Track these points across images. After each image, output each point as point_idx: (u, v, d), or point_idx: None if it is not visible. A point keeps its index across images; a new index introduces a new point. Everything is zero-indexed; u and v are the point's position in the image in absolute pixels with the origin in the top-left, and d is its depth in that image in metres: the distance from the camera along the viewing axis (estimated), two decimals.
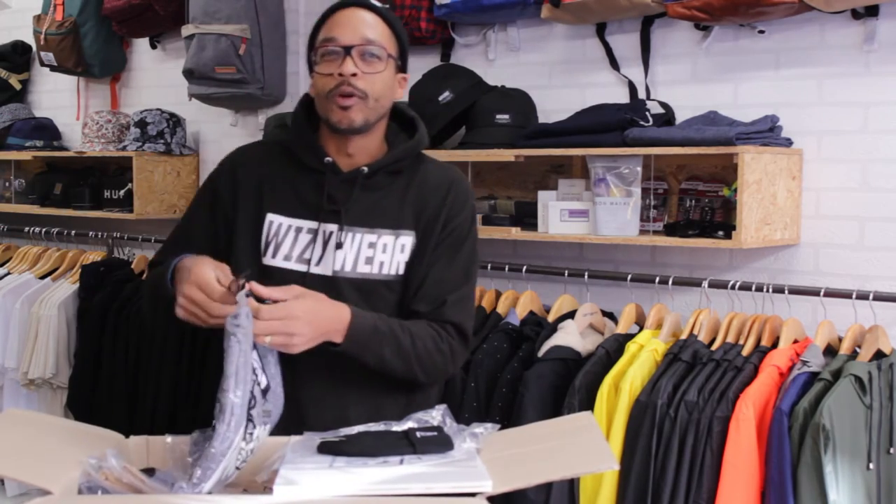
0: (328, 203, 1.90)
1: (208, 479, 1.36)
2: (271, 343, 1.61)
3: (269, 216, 1.92)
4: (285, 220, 1.92)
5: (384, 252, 1.91)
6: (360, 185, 1.91)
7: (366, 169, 1.92)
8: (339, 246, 1.88)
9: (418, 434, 1.46)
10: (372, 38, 1.87)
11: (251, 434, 1.44)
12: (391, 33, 1.92)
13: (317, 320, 1.71)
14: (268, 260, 1.91)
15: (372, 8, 1.90)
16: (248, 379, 1.46)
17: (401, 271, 1.92)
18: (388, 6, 2.01)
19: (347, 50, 1.84)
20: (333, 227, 1.90)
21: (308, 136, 1.96)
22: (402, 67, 1.97)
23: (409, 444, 1.43)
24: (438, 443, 1.43)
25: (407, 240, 1.93)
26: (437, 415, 1.56)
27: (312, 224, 1.90)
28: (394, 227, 1.92)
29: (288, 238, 1.91)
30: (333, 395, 1.87)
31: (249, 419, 1.44)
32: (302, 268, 1.89)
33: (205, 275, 1.66)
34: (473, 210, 2.02)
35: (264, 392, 1.53)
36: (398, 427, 1.53)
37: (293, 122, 2.00)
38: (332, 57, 1.86)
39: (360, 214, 1.90)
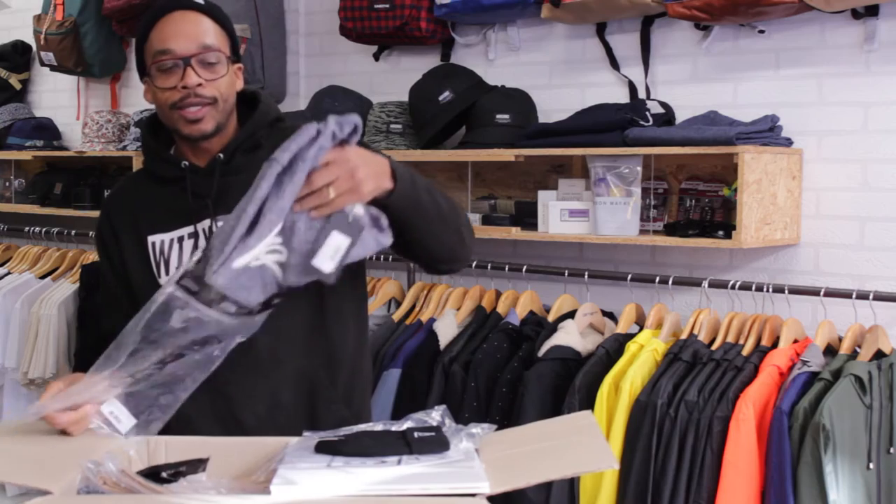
0: (195, 202, 1.84)
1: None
2: (336, 194, 1.50)
3: (150, 238, 1.87)
4: (165, 236, 1.87)
5: None
6: (221, 172, 1.84)
7: (221, 155, 1.85)
8: None
9: (415, 434, 1.46)
10: (209, 43, 1.80)
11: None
12: (221, 30, 1.85)
13: (367, 157, 1.57)
14: (163, 280, 1.84)
15: (198, 8, 1.82)
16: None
17: None
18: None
19: (186, 61, 1.78)
20: (207, 222, 1.84)
21: (159, 150, 1.91)
22: (236, 57, 1.90)
23: (405, 445, 1.43)
24: (435, 443, 1.43)
25: None
26: (436, 415, 1.56)
27: (189, 228, 1.86)
28: None
29: (173, 251, 1.86)
30: (265, 388, 1.83)
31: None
32: None
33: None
34: None
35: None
36: (396, 427, 1.53)
37: (143, 144, 1.97)
38: (171, 69, 1.79)
39: (231, 200, 1.72)
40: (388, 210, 1.61)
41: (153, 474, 1.37)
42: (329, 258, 1.50)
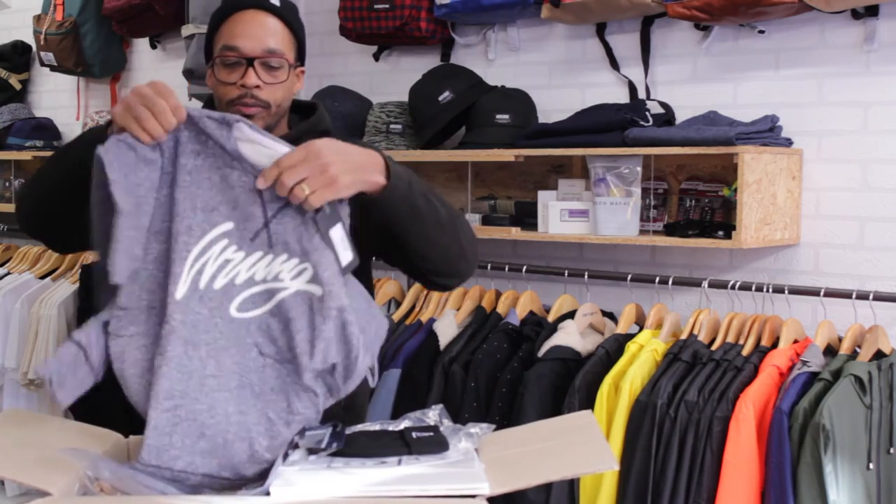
0: None
1: None
2: (310, 191, 1.47)
3: None
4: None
5: None
6: None
7: None
8: None
9: (414, 434, 1.46)
10: (274, 47, 1.82)
11: None
12: (291, 36, 1.87)
13: (344, 151, 1.54)
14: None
15: (271, 9, 1.85)
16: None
17: None
18: None
19: (250, 61, 1.80)
20: None
21: None
22: (300, 60, 1.92)
23: (404, 445, 1.43)
24: (434, 443, 1.43)
25: None
26: (433, 414, 1.56)
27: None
28: None
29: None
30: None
31: None
32: None
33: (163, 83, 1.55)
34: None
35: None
36: (393, 427, 1.53)
37: None
38: (234, 67, 1.82)
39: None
40: (381, 208, 1.60)
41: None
42: (345, 249, 1.51)
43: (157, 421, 1.44)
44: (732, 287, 2.68)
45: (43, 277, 3.96)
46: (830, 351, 2.52)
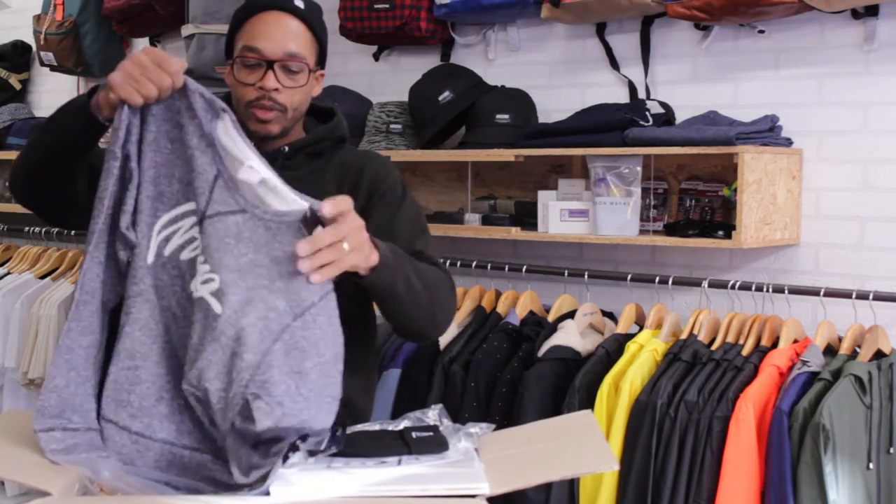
0: None
1: None
2: (350, 248, 1.46)
3: None
4: None
5: None
6: (280, 165, 1.84)
7: (286, 148, 1.88)
8: None
9: (413, 434, 1.46)
10: (295, 51, 1.82)
11: None
12: (313, 39, 1.87)
13: (361, 231, 1.53)
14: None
15: (294, 11, 1.84)
16: None
17: None
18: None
19: (270, 64, 1.80)
20: None
21: None
22: (321, 64, 1.92)
23: (404, 445, 1.43)
24: (434, 443, 1.43)
25: None
26: (432, 414, 1.56)
27: None
28: None
29: None
30: None
31: None
32: None
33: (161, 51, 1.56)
34: (399, 177, 1.96)
35: None
36: (393, 426, 1.53)
37: None
38: (253, 68, 1.82)
39: None
40: (364, 284, 1.61)
41: None
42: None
43: (116, 376, 1.47)
44: (732, 287, 2.68)
45: (43, 277, 3.96)
46: (830, 351, 2.52)
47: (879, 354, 2.43)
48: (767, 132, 2.66)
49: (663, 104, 2.91)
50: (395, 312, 1.73)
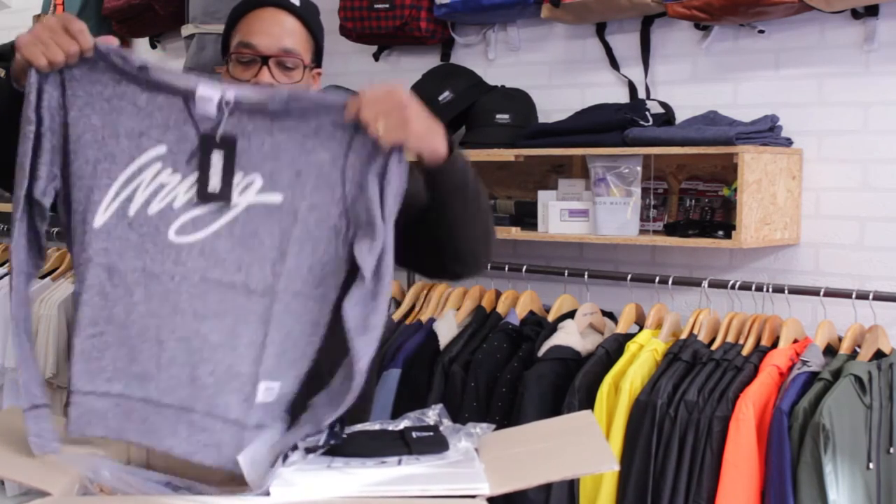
0: None
1: None
2: (385, 129, 1.43)
3: None
4: None
5: None
6: None
7: None
8: None
9: (414, 434, 1.46)
10: (290, 47, 1.81)
11: None
12: (308, 36, 1.86)
13: (416, 101, 1.50)
14: None
15: (290, 8, 1.84)
16: None
17: None
18: None
19: (265, 60, 1.79)
20: None
21: None
22: (317, 62, 1.91)
23: (404, 445, 1.43)
24: (434, 443, 1.43)
25: None
26: (432, 414, 1.56)
27: None
28: None
29: None
30: None
31: None
32: None
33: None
34: None
35: None
36: (393, 426, 1.53)
37: None
38: (249, 64, 1.80)
39: None
40: (436, 180, 1.57)
41: None
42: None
43: (82, 347, 1.45)
44: (732, 287, 2.68)
45: (43, 277, 3.95)
46: (830, 351, 2.52)
47: (879, 354, 2.43)
48: (767, 132, 2.66)
49: (663, 104, 2.91)
50: (460, 219, 1.64)
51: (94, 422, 1.44)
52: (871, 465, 2.30)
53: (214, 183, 1.46)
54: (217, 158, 1.46)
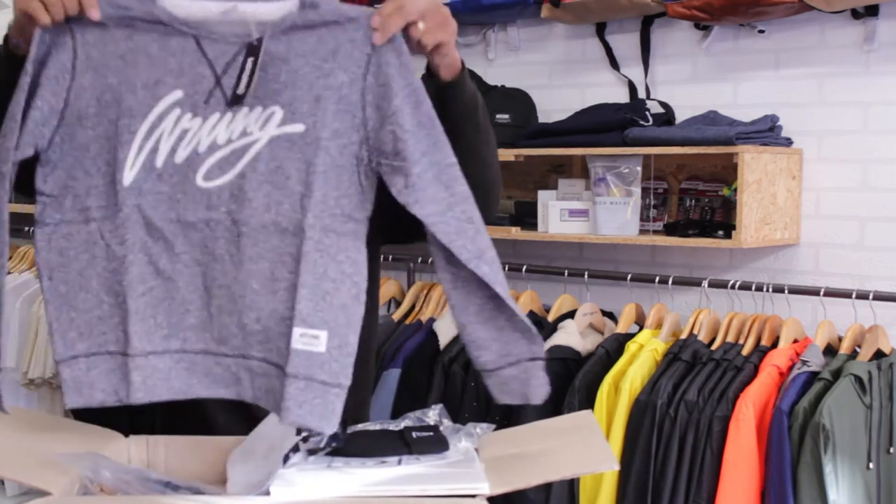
0: None
1: None
2: (426, 29, 1.40)
3: None
4: None
5: None
6: None
7: None
8: None
9: (414, 434, 1.46)
10: None
11: None
12: None
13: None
14: None
15: None
16: None
17: None
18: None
19: None
20: None
21: None
22: None
23: (404, 445, 1.43)
24: (434, 443, 1.43)
25: None
26: (432, 414, 1.56)
27: None
28: None
29: None
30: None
31: None
32: None
33: None
34: None
35: None
36: (393, 426, 1.53)
37: None
38: None
39: None
40: (451, 99, 1.53)
41: None
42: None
43: (136, 306, 1.39)
44: (732, 287, 2.68)
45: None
46: (830, 351, 2.52)
47: (879, 354, 2.43)
48: (767, 132, 2.66)
49: (663, 104, 2.91)
50: (471, 146, 1.58)
51: (158, 384, 1.40)
52: (871, 465, 2.30)
53: (242, 85, 1.41)
54: (250, 62, 1.41)
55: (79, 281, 1.41)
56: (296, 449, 1.40)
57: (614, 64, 3.05)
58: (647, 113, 2.80)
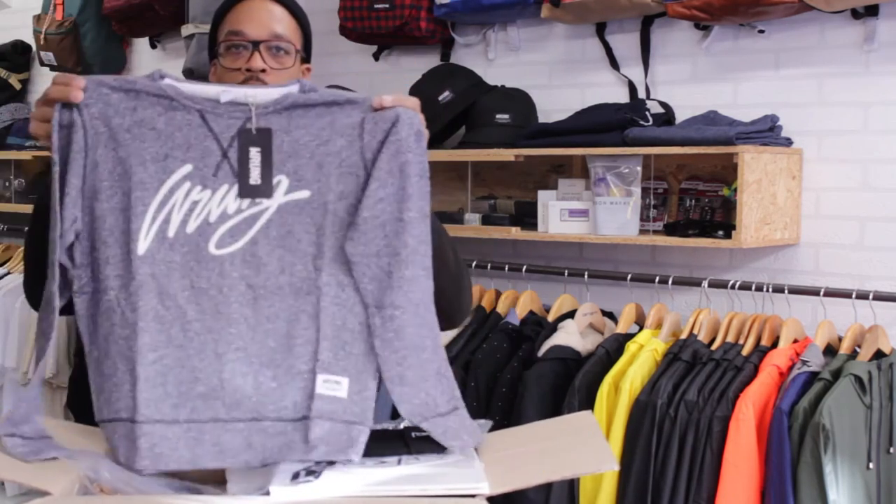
0: None
1: None
2: (395, 101, 1.52)
3: None
4: None
5: None
6: None
7: None
8: None
9: (413, 434, 1.46)
10: (280, 32, 1.81)
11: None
12: (297, 26, 1.86)
13: None
14: None
15: None
16: None
17: None
18: None
19: (255, 45, 1.78)
20: None
21: None
22: (306, 58, 1.92)
23: (404, 445, 1.43)
24: (434, 443, 1.43)
25: None
26: None
27: None
28: None
29: None
30: None
31: None
32: None
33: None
34: None
35: None
36: (393, 426, 1.53)
37: None
38: (239, 51, 1.80)
39: None
40: None
41: None
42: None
43: (146, 374, 1.42)
44: (732, 287, 2.68)
45: None
46: (830, 351, 2.52)
47: (879, 354, 2.43)
48: (767, 132, 2.66)
49: (663, 104, 2.91)
50: (437, 273, 1.61)
51: (165, 454, 1.41)
52: (871, 465, 2.30)
53: (255, 176, 1.48)
54: (255, 152, 1.48)
55: (104, 347, 1.46)
56: None
57: (614, 64, 3.05)
58: (647, 113, 2.80)
